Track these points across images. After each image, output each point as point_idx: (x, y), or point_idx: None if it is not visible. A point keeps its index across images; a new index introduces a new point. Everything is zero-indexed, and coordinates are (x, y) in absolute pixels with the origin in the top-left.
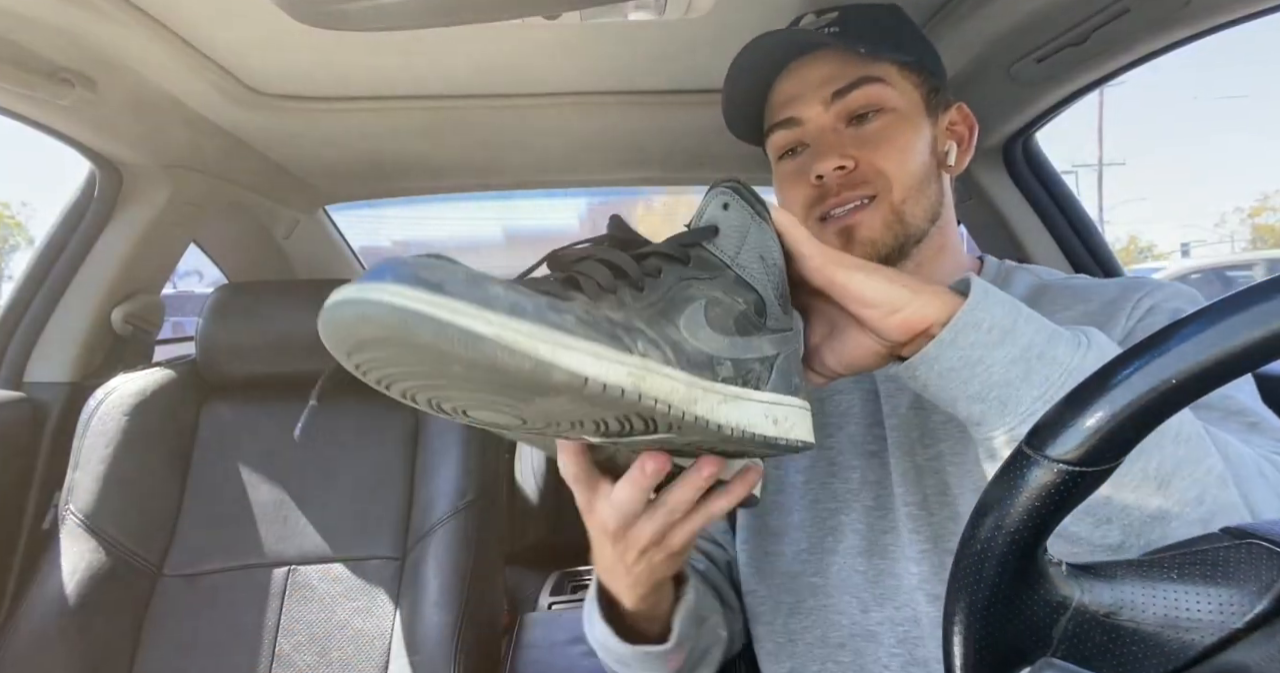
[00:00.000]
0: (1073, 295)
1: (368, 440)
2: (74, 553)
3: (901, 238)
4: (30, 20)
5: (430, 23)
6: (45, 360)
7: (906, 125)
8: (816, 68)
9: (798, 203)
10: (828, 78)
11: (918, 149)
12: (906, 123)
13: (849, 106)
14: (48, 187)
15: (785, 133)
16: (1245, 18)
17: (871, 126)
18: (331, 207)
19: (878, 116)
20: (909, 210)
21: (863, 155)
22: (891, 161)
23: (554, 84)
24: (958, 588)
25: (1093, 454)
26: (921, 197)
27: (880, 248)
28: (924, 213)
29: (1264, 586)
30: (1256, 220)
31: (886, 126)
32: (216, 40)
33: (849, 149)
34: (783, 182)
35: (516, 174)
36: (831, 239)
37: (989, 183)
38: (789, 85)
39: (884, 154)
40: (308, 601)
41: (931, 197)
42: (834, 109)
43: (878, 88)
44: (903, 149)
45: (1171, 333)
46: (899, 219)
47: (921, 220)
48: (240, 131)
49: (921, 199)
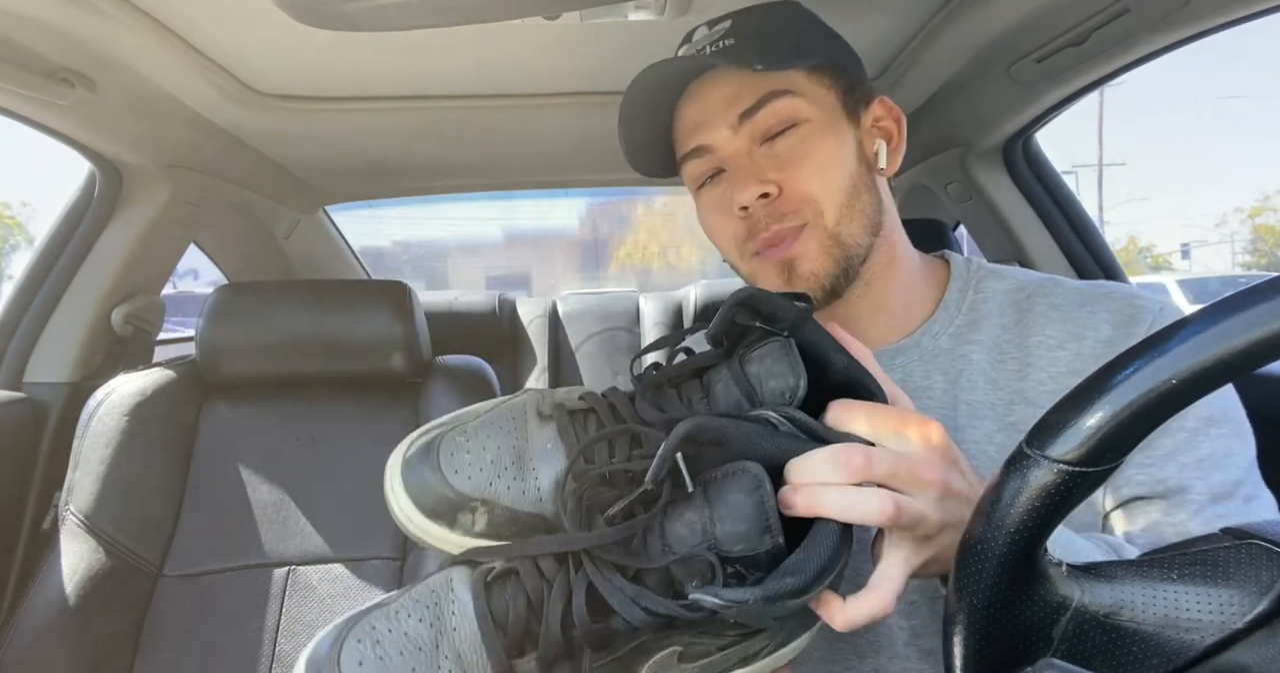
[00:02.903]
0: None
1: (368, 440)
2: (74, 553)
3: (843, 263)
4: (30, 20)
5: (430, 23)
6: (45, 360)
7: (825, 136)
8: (717, 88)
9: (727, 238)
10: (730, 98)
11: (841, 160)
12: (825, 133)
13: (760, 126)
14: (46, 183)
15: (698, 162)
16: (1245, 18)
17: (786, 144)
18: (331, 207)
19: (792, 132)
20: (845, 231)
21: (784, 179)
22: (816, 182)
23: (554, 84)
24: (958, 589)
25: (1093, 455)
26: (855, 213)
27: (824, 279)
28: (861, 229)
29: (1264, 586)
30: (1257, 221)
31: (803, 142)
32: (216, 40)
33: (768, 173)
34: (708, 214)
35: (516, 174)
36: (772, 275)
37: (989, 183)
38: (692, 110)
39: (806, 175)
40: (308, 601)
41: (866, 209)
42: (743, 131)
43: (786, 101)
44: (824, 165)
45: (1171, 333)
46: (836, 243)
47: (860, 238)
48: (240, 131)
49: (856, 215)
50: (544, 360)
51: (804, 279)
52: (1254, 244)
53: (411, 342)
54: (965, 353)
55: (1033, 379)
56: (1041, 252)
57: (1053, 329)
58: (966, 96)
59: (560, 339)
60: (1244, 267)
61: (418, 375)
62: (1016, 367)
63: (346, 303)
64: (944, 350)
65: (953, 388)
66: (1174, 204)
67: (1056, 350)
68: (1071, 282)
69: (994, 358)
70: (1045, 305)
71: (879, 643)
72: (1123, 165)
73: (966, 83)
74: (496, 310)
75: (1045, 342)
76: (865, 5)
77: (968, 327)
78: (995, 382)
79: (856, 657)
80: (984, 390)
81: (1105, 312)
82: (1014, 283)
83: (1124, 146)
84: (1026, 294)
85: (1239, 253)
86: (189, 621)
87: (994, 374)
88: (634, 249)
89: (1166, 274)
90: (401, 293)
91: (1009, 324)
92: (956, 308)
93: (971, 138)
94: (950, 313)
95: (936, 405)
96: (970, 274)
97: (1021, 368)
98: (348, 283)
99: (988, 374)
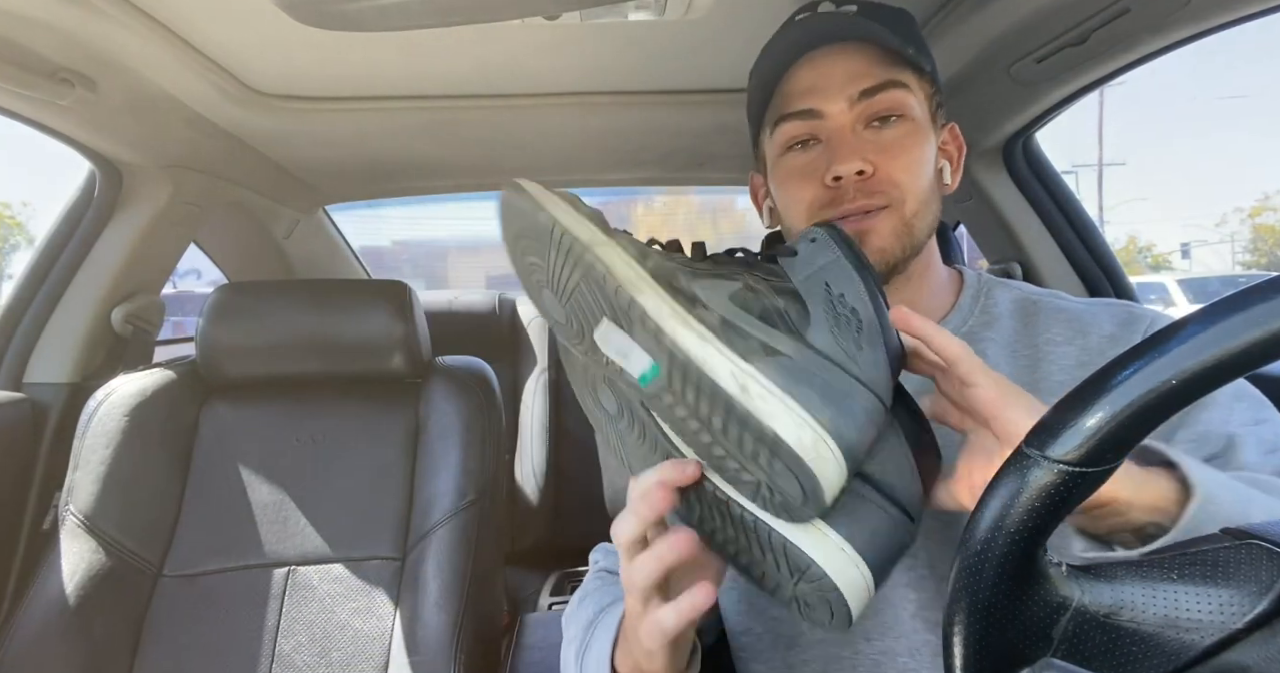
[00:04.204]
0: (1067, 325)
1: (368, 440)
2: (74, 553)
3: (909, 250)
4: (30, 20)
5: (430, 23)
6: (45, 361)
7: (921, 137)
8: (843, 62)
9: (804, 202)
10: (855, 74)
11: (929, 162)
12: (921, 134)
13: (874, 108)
14: (48, 178)
15: (800, 124)
16: (1245, 18)
17: (892, 133)
18: (331, 207)
19: (899, 123)
20: (918, 224)
21: (881, 162)
22: (909, 173)
23: (554, 84)
24: (958, 589)
25: (1093, 454)
26: (928, 211)
27: (889, 258)
28: (928, 227)
29: (1264, 586)
30: (1257, 221)
31: (906, 136)
32: (216, 40)
33: (869, 154)
34: (788, 177)
35: (516, 174)
36: None
37: (989, 183)
38: (810, 75)
39: (902, 164)
40: (308, 601)
41: (935, 211)
42: (858, 108)
43: (903, 93)
44: (918, 161)
45: (1171, 334)
46: (909, 231)
47: (925, 234)
48: (240, 131)
49: (928, 214)
50: (544, 361)
51: (872, 252)
52: (1254, 244)
53: (411, 342)
54: (981, 348)
55: (1043, 372)
56: (1041, 252)
57: (1059, 328)
58: (966, 96)
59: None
60: (1244, 267)
61: (418, 375)
62: (1027, 362)
63: (346, 303)
64: None
65: None
66: (1174, 204)
67: (1064, 346)
68: (1072, 296)
69: (1007, 354)
70: (1050, 310)
71: (886, 625)
72: (1123, 165)
73: (966, 83)
74: (496, 310)
75: (1053, 339)
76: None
77: (981, 326)
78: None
79: (864, 640)
80: None
81: (1106, 313)
82: (1020, 293)
83: (1124, 147)
84: (1033, 302)
85: (1239, 253)
86: (189, 621)
87: (1007, 369)
88: None
89: (1166, 274)
90: (401, 293)
91: (1018, 327)
92: (970, 312)
93: (971, 138)
94: (964, 315)
95: None
96: (981, 285)
97: (1032, 363)
98: (347, 283)
99: (1000, 368)
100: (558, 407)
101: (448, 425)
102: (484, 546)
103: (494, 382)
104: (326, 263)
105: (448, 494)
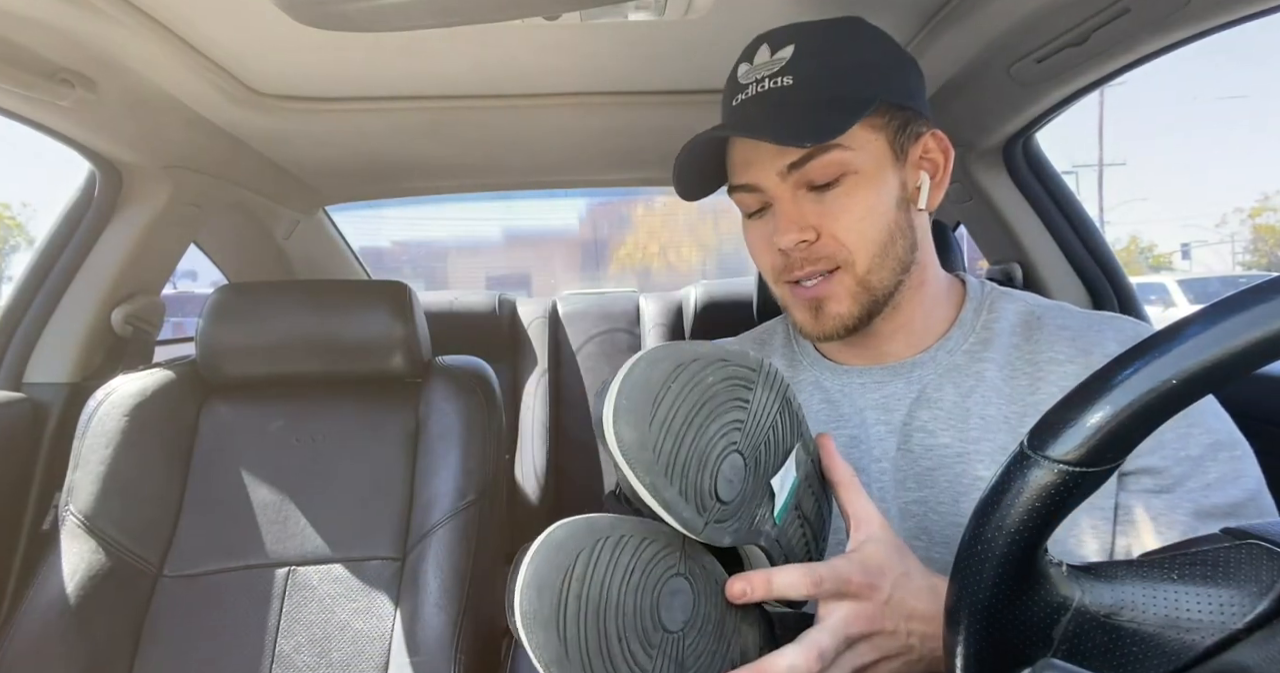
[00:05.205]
0: (1070, 343)
1: (368, 441)
2: (74, 554)
3: (868, 306)
4: (30, 20)
5: (430, 23)
6: (45, 361)
7: (869, 187)
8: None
9: (766, 268)
10: (779, 149)
11: (881, 212)
12: (869, 184)
13: (808, 177)
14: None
15: (747, 196)
16: (1245, 18)
17: (833, 194)
18: (331, 207)
19: (839, 182)
20: (874, 279)
21: (824, 224)
22: (854, 232)
23: (554, 84)
24: (958, 589)
25: (1093, 455)
26: (886, 260)
27: (848, 320)
28: (891, 273)
29: (1264, 586)
30: (1257, 221)
31: (847, 194)
32: (216, 40)
33: (809, 220)
34: (751, 242)
35: (516, 174)
36: (802, 309)
37: (989, 183)
38: (743, 149)
39: (845, 225)
40: (308, 601)
41: (899, 253)
42: (791, 179)
43: (834, 155)
44: (864, 216)
45: (1172, 334)
46: (864, 289)
47: (889, 281)
48: (240, 132)
49: (887, 262)
50: (544, 361)
51: (830, 318)
52: (1254, 244)
53: (411, 342)
54: (979, 370)
55: (1044, 393)
56: (1042, 252)
57: (1062, 346)
58: (967, 96)
59: (560, 339)
60: (1244, 266)
61: (418, 375)
62: (1028, 382)
63: (346, 303)
64: (958, 366)
65: (964, 402)
66: (1174, 204)
67: (1066, 365)
68: (1078, 308)
69: (1006, 374)
70: (1054, 326)
71: None
72: (1123, 165)
73: (966, 83)
74: (496, 311)
75: (1055, 358)
76: (865, 5)
77: (981, 345)
78: (1008, 396)
79: None
80: (997, 405)
81: (1111, 331)
82: (1024, 305)
83: (1124, 147)
84: (1036, 316)
85: (1239, 253)
86: (189, 621)
87: (1007, 390)
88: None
89: (1167, 274)
90: (401, 293)
91: (1020, 343)
92: (971, 326)
93: (972, 138)
94: (965, 331)
95: (947, 416)
96: (984, 295)
97: (1033, 382)
98: (347, 283)
99: (1000, 390)
100: (558, 407)
101: (448, 426)
102: (484, 546)
103: (494, 382)
104: (326, 263)
105: (448, 495)
